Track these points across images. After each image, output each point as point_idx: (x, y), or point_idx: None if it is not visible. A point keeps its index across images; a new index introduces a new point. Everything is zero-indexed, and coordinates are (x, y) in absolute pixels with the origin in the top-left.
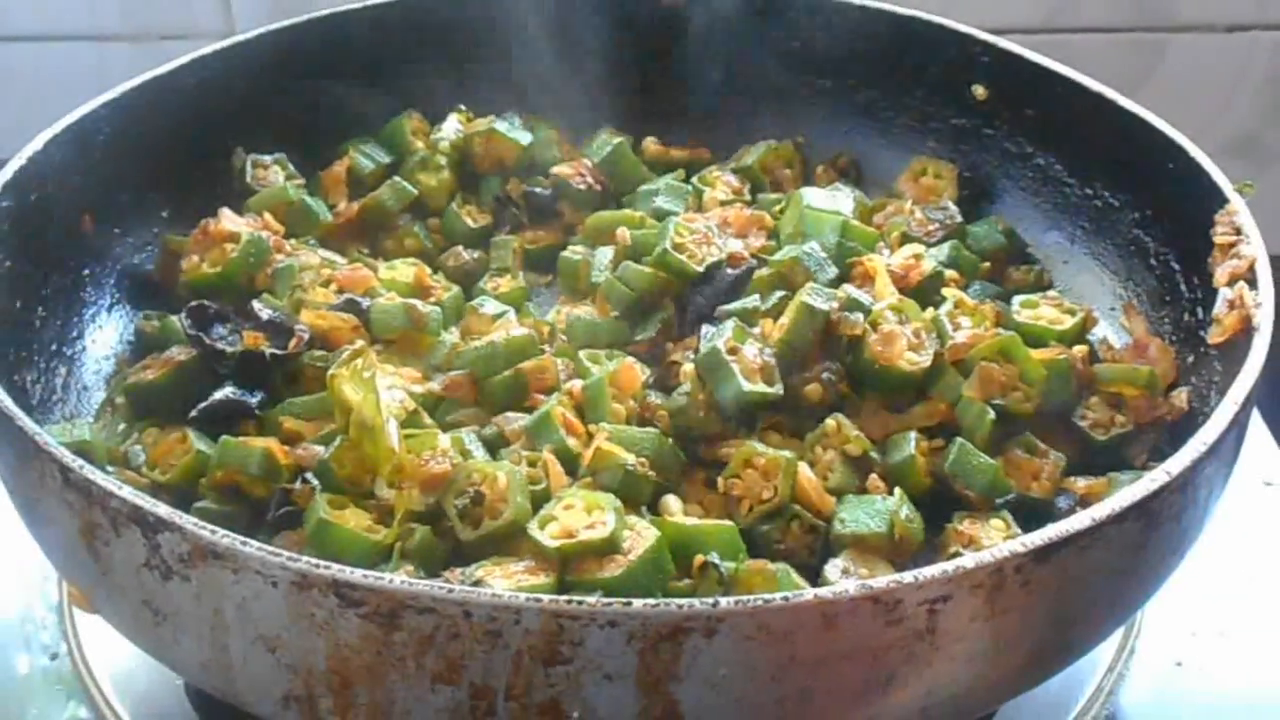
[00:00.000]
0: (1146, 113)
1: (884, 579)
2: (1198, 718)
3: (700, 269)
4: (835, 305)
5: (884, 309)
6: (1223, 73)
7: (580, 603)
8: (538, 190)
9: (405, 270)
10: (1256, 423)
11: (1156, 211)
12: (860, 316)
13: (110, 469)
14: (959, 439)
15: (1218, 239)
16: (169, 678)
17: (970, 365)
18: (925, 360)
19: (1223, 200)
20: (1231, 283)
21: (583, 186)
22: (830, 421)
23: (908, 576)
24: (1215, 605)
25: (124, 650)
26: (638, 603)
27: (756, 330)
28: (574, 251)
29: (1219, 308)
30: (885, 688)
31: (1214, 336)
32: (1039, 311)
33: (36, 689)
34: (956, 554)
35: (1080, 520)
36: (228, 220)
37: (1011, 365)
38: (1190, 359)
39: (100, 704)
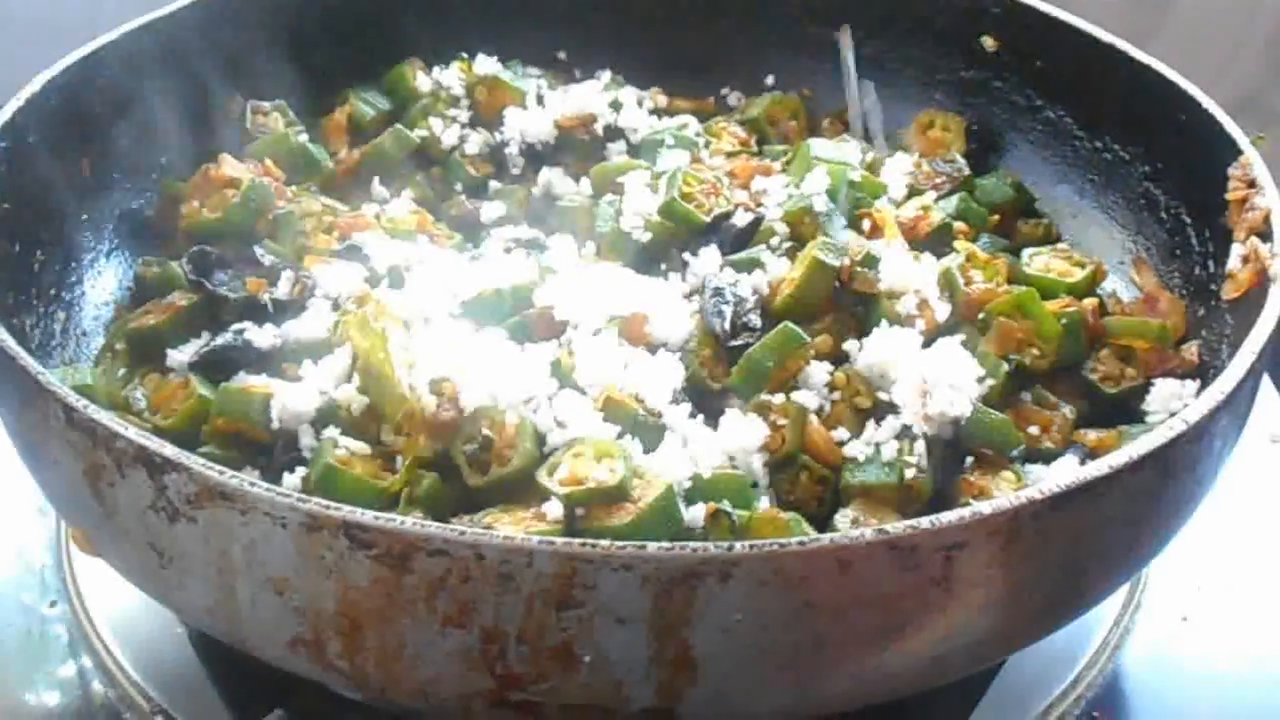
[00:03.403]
0: (1159, 64)
1: (900, 524)
2: (1204, 672)
3: (708, 219)
4: (847, 261)
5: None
6: (1227, 31)
7: (594, 545)
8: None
9: (407, 218)
10: (1263, 379)
11: (1168, 164)
12: (875, 273)
13: (111, 414)
14: None
15: (1231, 195)
16: (170, 624)
17: (988, 320)
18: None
19: (1236, 152)
20: (1249, 237)
21: (586, 137)
22: (840, 374)
23: (924, 522)
24: (1221, 561)
25: (124, 597)
26: (652, 546)
27: (764, 279)
28: (571, 199)
29: (1233, 263)
30: (899, 635)
31: (1228, 292)
32: (1049, 264)
33: (35, 637)
34: (966, 505)
35: (1097, 468)
36: (228, 166)
37: (1027, 320)
38: (1200, 312)
39: (100, 651)
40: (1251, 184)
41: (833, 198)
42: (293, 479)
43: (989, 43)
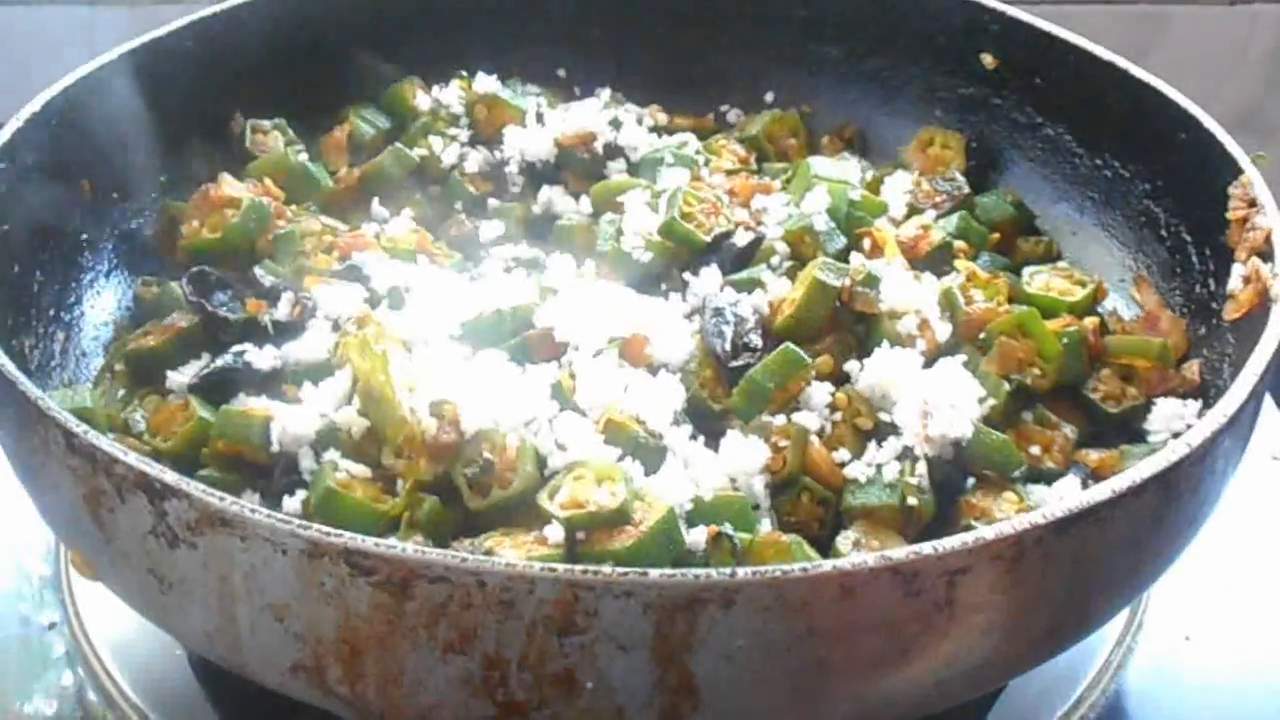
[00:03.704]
0: (1159, 82)
1: (903, 550)
2: (1206, 692)
3: (708, 239)
4: (848, 281)
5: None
6: (1225, 46)
7: (596, 572)
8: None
9: (407, 237)
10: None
11: (1168, 182)
12: (876, 293)
13: (111, 436)
14: None
15: (1232, 214)
16: (169, 647)
17: (989, 339)
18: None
19: (1236, 171)
20: (1250, 257)
21: (586, 155)
22: (841, 395)
23: (927, 548)
24: (1224, 580)
25: (123, 619)
26: (654, 572)
27: (765, 298)
28: (569, 218)
29: (1234, 283)
30: (902, 660)
31: (1230, 313)
32: (1050, 282)
33: (34, 658)
34: (968, 526)
35: (1100, 492)
36: (228, 185)
37: (1028, 340)
38: (1202, 331)
39: (100, 673)
40: (1252, 203)
41: (833, 216)
42: (293, 502)
43: (988, 60)
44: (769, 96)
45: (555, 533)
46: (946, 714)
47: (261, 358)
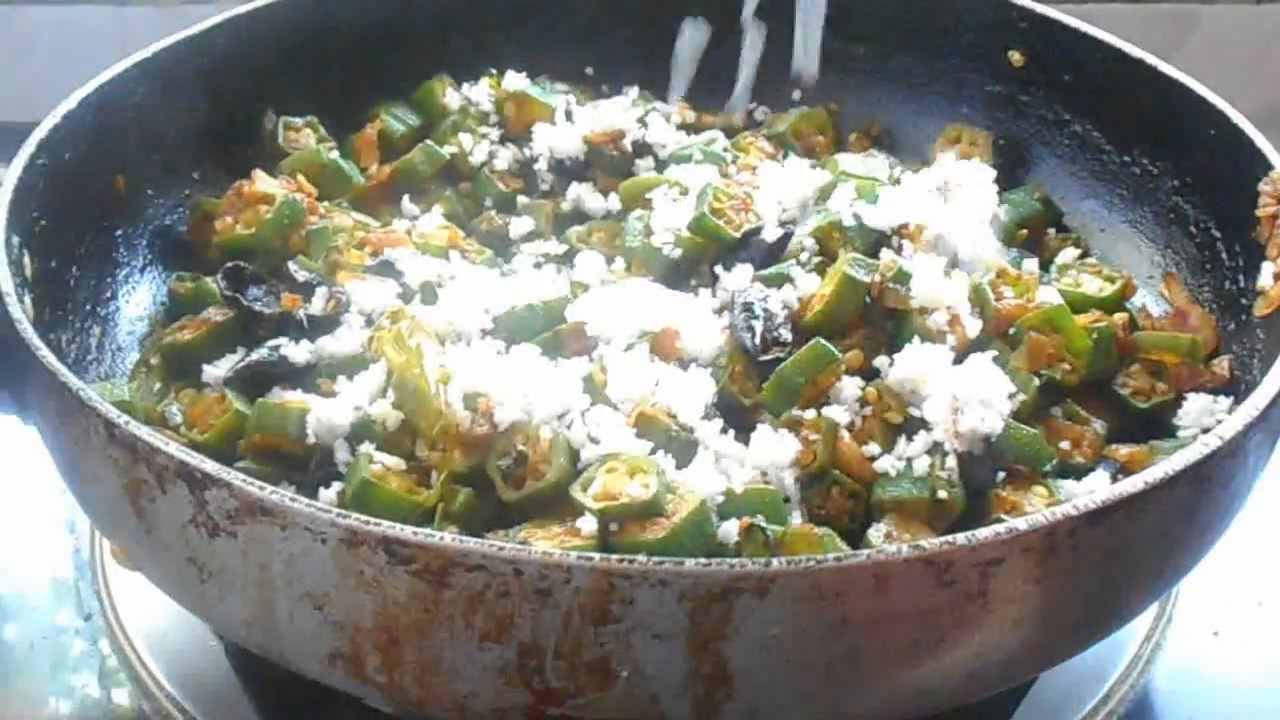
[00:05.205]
0: (1187, 79)
1: (936, 540)
2: (1234, 687)
3: (738, 235)
4: (878, 277)
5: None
6: (1252, 44)
7: (632, 561)
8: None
9: (438, 233)
10: None
11: (1196, 179)
12: (907, 289)
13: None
14: None
15: (1261, 211)
16: (204, 637)
17: (1019, 335)
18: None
19: (1266, 167)
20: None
21: (614, 153)
22: (871, 389)
23: (960, 538)
24: (1252, 575)
25: (158, 610)
26: (690, 562)
27: (794, 294)
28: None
29: (1264, 280)
30: (935, 650)
31: (1260, 309)
32: (1079, 278)
33: (70, 650)
34: (998, 520)
35: (1133, 484)
36: (261, 182)
37: (1057, 335)
38: (1231, 326)
39: (135, 664)
40: None
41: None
42: (329, 494)
43: (1016, 57)
44: (796, 93)
45: (588, 524)
46: (978, 706)
47: (296, 352)
